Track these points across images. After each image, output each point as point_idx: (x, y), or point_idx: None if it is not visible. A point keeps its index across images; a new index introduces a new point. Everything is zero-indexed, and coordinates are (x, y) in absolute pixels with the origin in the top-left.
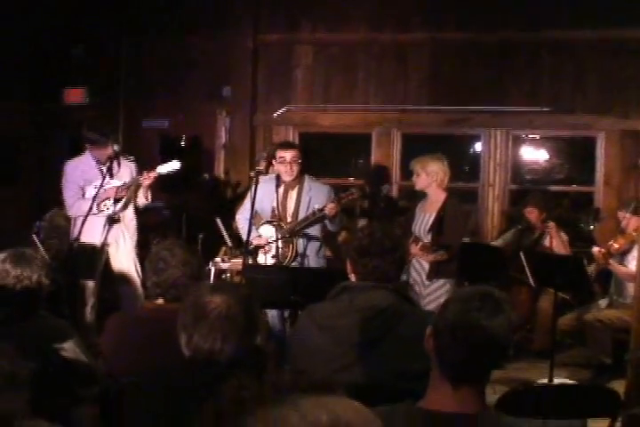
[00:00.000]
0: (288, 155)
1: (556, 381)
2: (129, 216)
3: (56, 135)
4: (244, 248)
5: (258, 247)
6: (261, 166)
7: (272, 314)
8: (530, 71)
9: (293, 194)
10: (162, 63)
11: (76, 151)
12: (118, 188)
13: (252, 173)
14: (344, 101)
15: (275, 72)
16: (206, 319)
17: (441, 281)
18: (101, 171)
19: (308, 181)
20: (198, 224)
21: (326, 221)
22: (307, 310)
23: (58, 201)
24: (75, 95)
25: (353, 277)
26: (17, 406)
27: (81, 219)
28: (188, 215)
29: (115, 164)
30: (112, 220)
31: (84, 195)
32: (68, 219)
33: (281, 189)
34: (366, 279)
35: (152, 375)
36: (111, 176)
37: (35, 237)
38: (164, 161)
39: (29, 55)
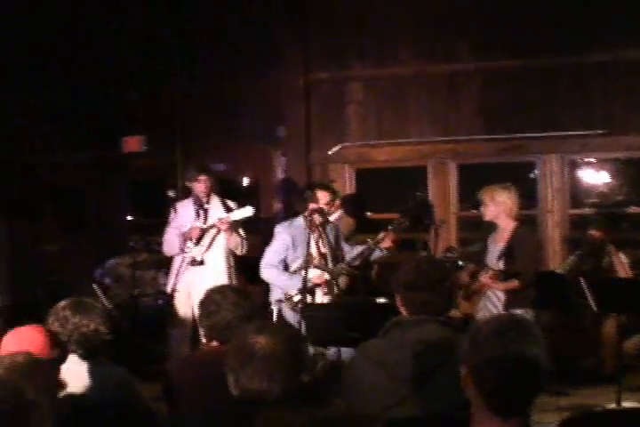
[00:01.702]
0: (325, 197)
1: (625, 405)
2: (215, 261)
3: (115, 183)
4: (301, 288)
5: (315, 286)
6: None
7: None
8: (581, 94)
9: (323, 235)
10: (215, 106)
11: (136, 199)
12: (198, 229)
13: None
14: (397, 135)
15: (327, 110)
16: (252, 360)
17: (518, 311)
18: (197, 212)
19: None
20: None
21: (376, 252)
22: (360, 346)
23: (119, 248)
24: (133, 143)
25: (403, 311)
26: None
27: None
28: (249, 257)
29: (211, 205)
30: (194, 262)
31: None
32: (130, 266)
33: (314, 233)
34: (416, 313)
35: (205, 416)
36: (205, 218)
37: (95, 285)
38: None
39: (86, 104)
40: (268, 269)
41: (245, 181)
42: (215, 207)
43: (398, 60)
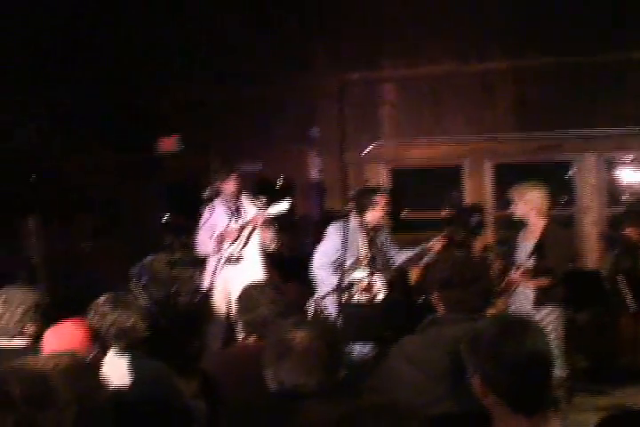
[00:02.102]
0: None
1: None
2: (252, 258)
3: (150, 183)
4: (338, 286)
5: (352, 284)
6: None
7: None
8: (617, 92)
9: (375, 238)
10: (250, 107)
11: (170, 199)
12: (234, 230)
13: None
14: (432, 135)
15: (361, 110)
16: (290, 354)
17: (548, 308)
18: (228, 212)
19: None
20: (296, 264)
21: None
22: (397, 344)
23: (156, 247)
24: (168, 144)
25: (440, 309)
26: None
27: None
28: (283, 255)
29: (241, 205)
30: (230, 259)
31: (211, 236)
32: (167, 264)
33: (366, 235)
34: (451, 311)
35: (243, 412)
36: (238, 217)
37: (133, 283)
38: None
39: (119, 105)
40: (318, 270)
41: (280, 182)
42: (247, 205)
43: (431, 60)
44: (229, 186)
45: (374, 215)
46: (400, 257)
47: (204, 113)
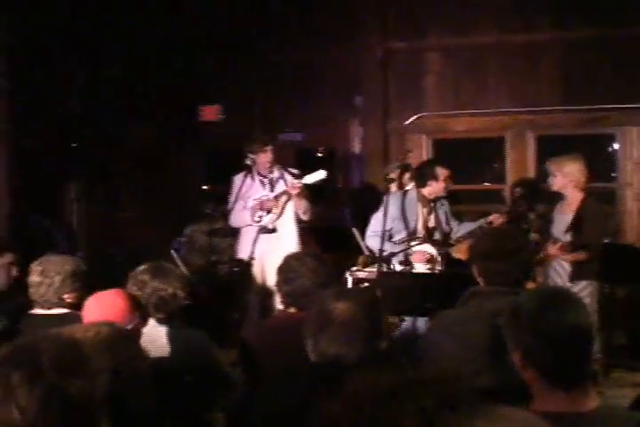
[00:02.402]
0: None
1: None
2: (286, 228)
3: (193, 153)
4: (379, 256)
5: (392, 255)
6: (393, 175)
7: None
8: None
9: (434, 211)
10: (293, 76)
11: (214, 168)
12: (271, 199)
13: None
14: (476, 106)
15: (405, 80)
16: (331, 325)
17: (583, 283)
18: (262, 183)
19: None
20: (335, 235)
21: None
22: (438, 315)
23: (197, 217)
24: (210, 112)
25: (480, 282)
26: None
27: (241, 231)
28: (324, 226)
29: (275, 176)
30: (266, 230)
31: (245, 206)
32: (208, 234)
33: (424, 208)
34: (491, 283)
35: (282, 383)
36: (272, 189)
37: (173, 252)
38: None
39: (164, 73)
40: (372, 237)
41: (322, 151)
42: (280, 177)
43: (477, 30)
44: (264, 157)
45: (435, 188)
46: (461, 230)
47: (248, 82)
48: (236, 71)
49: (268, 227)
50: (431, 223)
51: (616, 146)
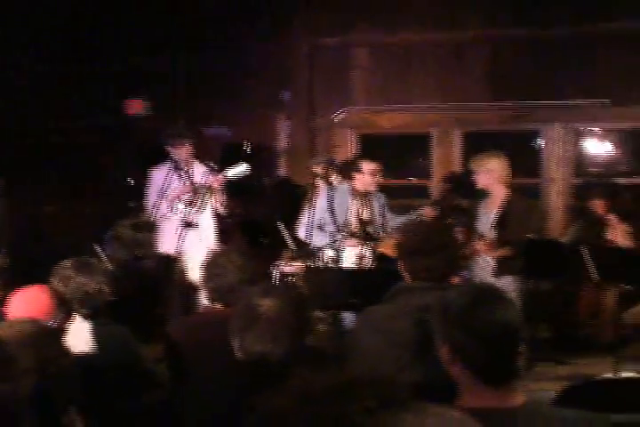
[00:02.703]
0: (375, 167)
1: (624, 375)
2: (205, 222)
3: (118, 147)
4: (304, 251)
5: (320, 249)
6: (319, 169)
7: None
8: (587, 64)
9: (367, 204)
10: (220, 71)
11: (140, 162)
12: (186, 186)
13: (312, 174)
14: (402, 102)
15: (332, 75)
16: (256, 322)
17: (508, 278)
18: (180, 176)
19: (373, 193)
20: (261, 229)
21: None
22: (363, 312)
23: (123, 211)
24: (135, 106)
25: (407, 277)
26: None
27: (158, 224)
28: (250, 220)
29: (192, 169)
30: (187, 224)
31: (163, 200)
32: (133, 228)
33: (356, 201)
34: (418, 279)
35: (207, 379)
36: (190, 182)
37: (98, 247)
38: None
39: (90, 68)
40: (302, 229)
41: (248, 146)
42: (197, 170)
43: (404, 27)
44: (182, 152)
45: (362, 181)
46: (394, 224)
47: (174, 75)
48: (162, 65)
49: (188, 221)
50: (364, 216)
51: (541, 142)
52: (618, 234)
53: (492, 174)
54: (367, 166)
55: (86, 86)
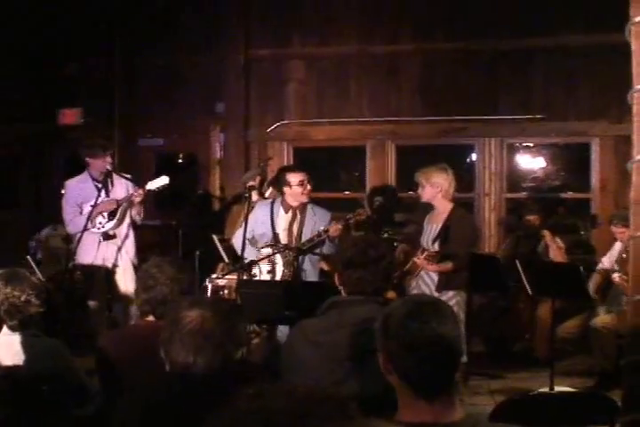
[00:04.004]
0: (304, 177)
1: (557, 389)
2: (124, 233)
3: (52, 156)
4: (239, 264)
5: (253, 262)
6: (254, 183)
7: (281, 330)
8: (521, 79)
9: (299, 219)
10: (155, 81)
11: (72, 171)
12: (110, 201)
13: (246, 187)
14: (337, 115)
15: (267, 87)
16: (180, 333)
17: (450, 293)
18: (97, 188)
19: (311, 207)
20: (194, 241)
21: (326, 243)
22: (297, 325)
23: (54, 221)
24: (70, 116)
25: (342, 290)
26: None
27: (78, 236)
28: (184, 232)
29: (109, 181)
30: (107, 236)
31: (81, 212)
32: (64, 239)
33: (287, 214)
34: (353, 291)
35: (138, 391)
36: (107, 193)
37: (29, 258)
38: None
39: (23, 76)
40: (235, 241)
41: (182, 157)
42: (115, 182)
43: (340, 40)
44: (101, 164)
45: (291, 194)
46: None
47: (109, 85)
48: (97, 75)
49: (108, 233)
50: (294, 230)
51: (475, 157)
52: (552, 248)
53: (436, 188)
54: (293, 177)
55: (18, 94)
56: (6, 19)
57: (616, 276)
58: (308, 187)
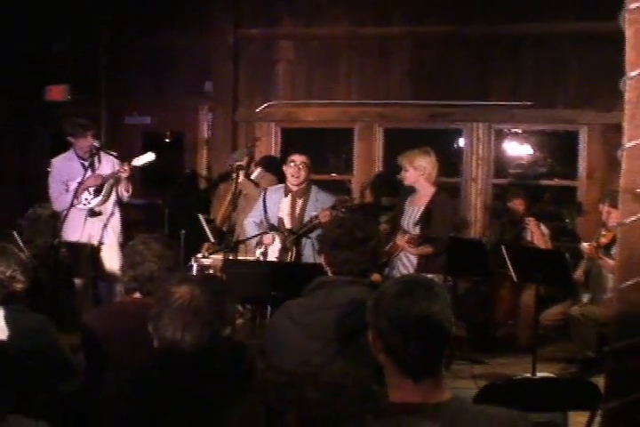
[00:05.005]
0: (298, 159)
1: (539, 375)
2: (110, 210)
3: (38, 132)
4: (225, 243)
5: (239, 242)
6: (242, 163)
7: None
8: (511, 65)
9: (300, 203)
10: (143, 59)
11: (59, 148)
12: (95, 176)
13: (234, 167)
14: (326, 96)
15: (256, 67)
16: (169, 309)
17: (429, 276)
18: (84, 166)
19: (314, 192)
20: (180, 220)
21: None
22: (283, 305)
23: (41, 197)
24: (57, 92)
25: (329, 271)
26: None
27: (64, 213)
28: (170, 211)
29: (96, 159)
30: (93, 213)
31: (67, 190)
32: (51, 216)
33: (288, 199)
34: (339, 272)
35: (125, 367)
36: (93, 171)
37: (15, 233)
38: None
39: (10, 52)
40: (248, 224)
41: (169, 136)
42: (103, 159)
43: (331, 20)
44: (84, 142)
45: (286, 172)
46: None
47: (97, 62)
48: (84, 51)
49: (94, 210)
50: (296, 215)
51: (462, 141)
52: (536, 235)
53: (420, 171)
54: (292, 157)
55: (3, 70)
56: None
57: (586, 244)
58: (302, 172)
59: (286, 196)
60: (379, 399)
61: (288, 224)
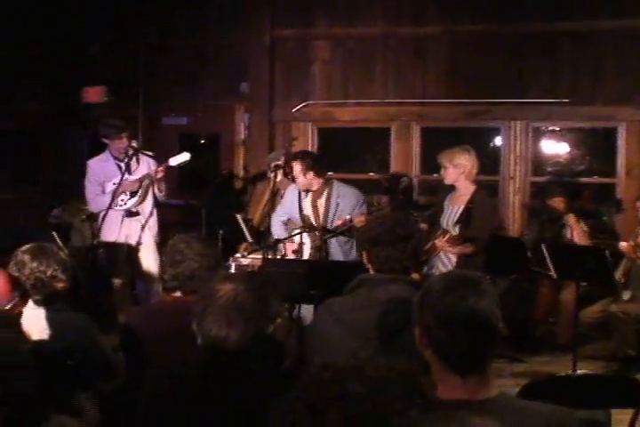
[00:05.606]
0: (296, 168)
1: (579, 373)
2: (147, 210)
3: (75, 134)
4: (264, 243)
5: (277, 242)
6: (279, 162)
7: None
8: (548, 62)
9: (322, 200)
10: (180, 60)
11: (96, 150)
12: (133, 181)
13: (271, 167)
14: (362, 96)
15: (292, 67)
16: (213, 306)
17: None
18: (120, 167)
19: (336, 187)
20: (218, 221)
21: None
22: (325, 304)
23: (77, 198)
24: (94, 94)
25: (370, 268)
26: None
27: (102, 215)
28: (207, 212)
29: (133, 160)
30: (130, 213)
31: (103, 191)
32: (88, 217)
33: (309, 197)
34: (380, 270)
35: (166, 366)
36: (129, 172)
37: (55, 234)
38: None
39: (47, 53)
40: (275, 224)
41: (206, 137)
42: (141, 160)
43: (367, 20)
44: (120, 144)
45: (297, 180)
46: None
47: (134, 64)
48: (121, 53)
49: (131, 210)
50: (320, 211)
51: (500, 140)
52: (576, 232)
53: (460, 169)
54: (295, 166)
55: (43, 71)
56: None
57: (624, 244)
58: (300, 179)
59: (307, 193)
60: (425, 395)
61: (314, 221)
